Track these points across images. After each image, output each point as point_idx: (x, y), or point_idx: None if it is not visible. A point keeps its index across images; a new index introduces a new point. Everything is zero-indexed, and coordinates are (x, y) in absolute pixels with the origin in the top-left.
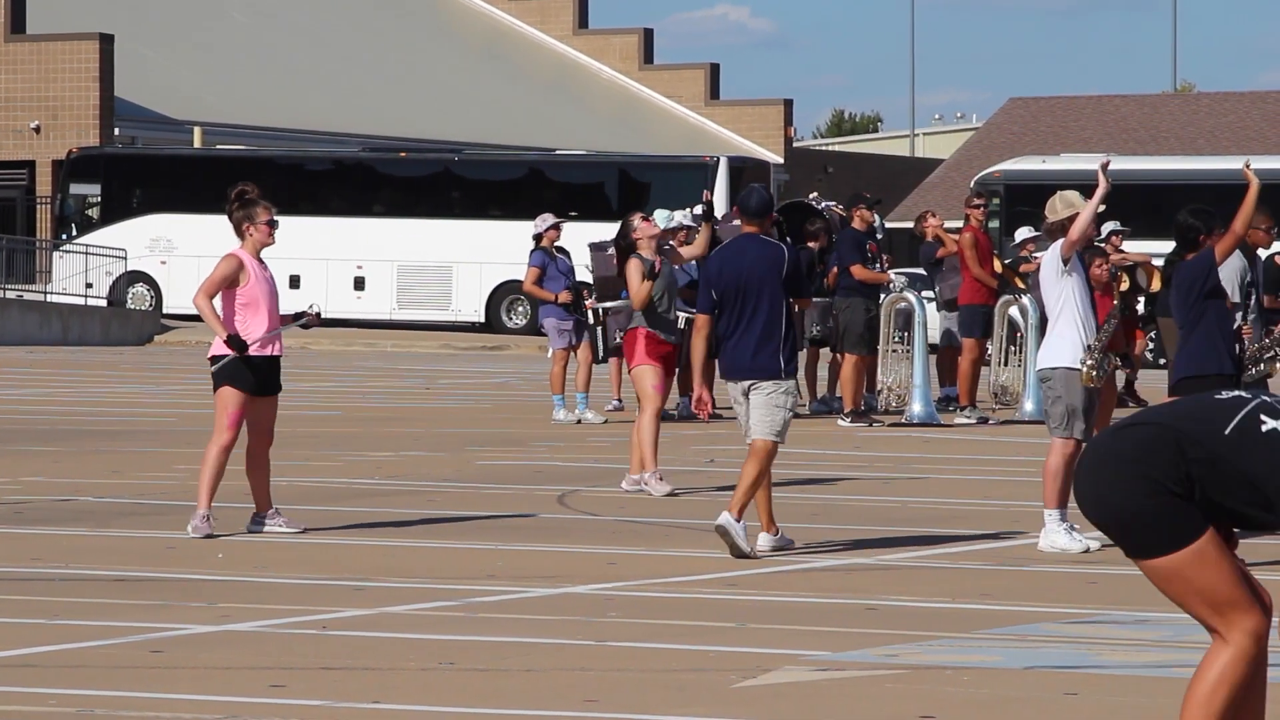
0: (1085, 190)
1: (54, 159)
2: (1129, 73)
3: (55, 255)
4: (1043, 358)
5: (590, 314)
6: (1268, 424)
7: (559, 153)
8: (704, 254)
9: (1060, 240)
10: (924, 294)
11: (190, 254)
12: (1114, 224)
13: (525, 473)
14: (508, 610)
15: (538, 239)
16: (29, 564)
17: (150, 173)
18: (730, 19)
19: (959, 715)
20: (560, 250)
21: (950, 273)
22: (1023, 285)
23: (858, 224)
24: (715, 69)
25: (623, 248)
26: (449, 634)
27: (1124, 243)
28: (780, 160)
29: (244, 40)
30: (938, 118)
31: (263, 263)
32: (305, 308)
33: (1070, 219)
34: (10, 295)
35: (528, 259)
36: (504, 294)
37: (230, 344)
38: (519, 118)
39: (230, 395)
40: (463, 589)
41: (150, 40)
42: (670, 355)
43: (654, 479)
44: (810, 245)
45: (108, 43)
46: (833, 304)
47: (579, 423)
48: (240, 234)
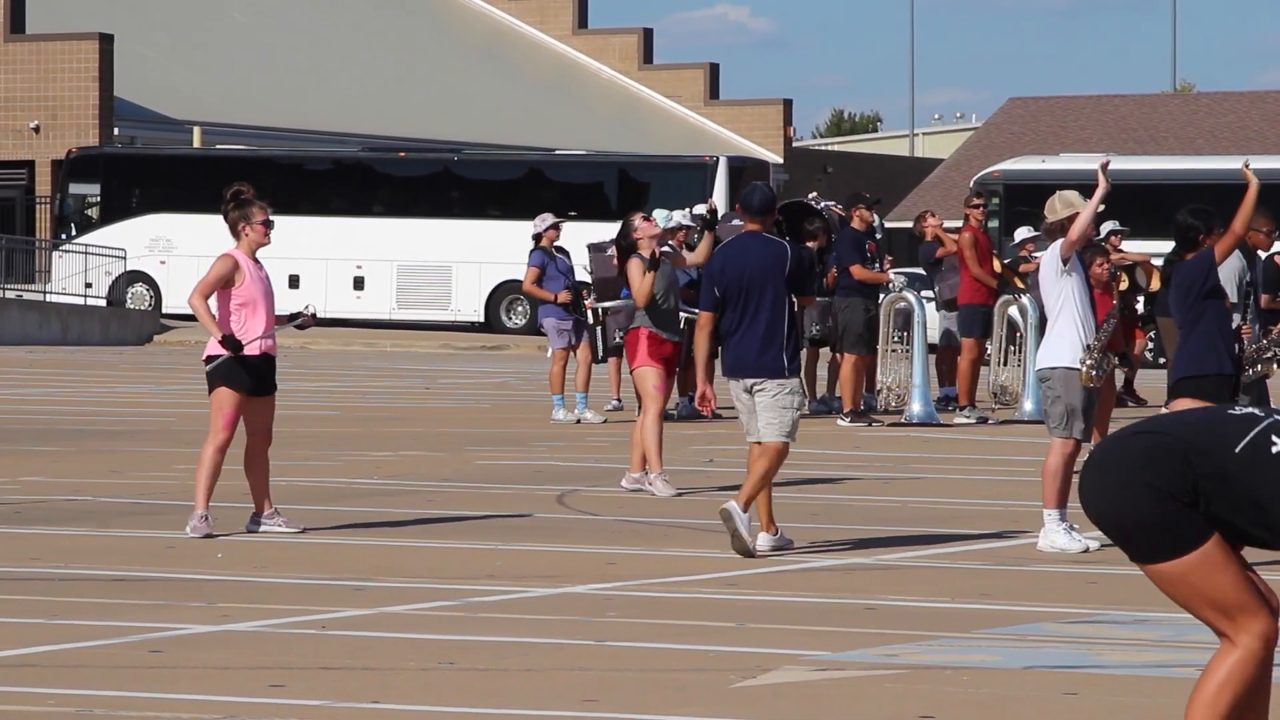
0: (1085, 190)
1: (54, 159)
2: (1128, 73)
3: (55, 255)
4: (1042, 357)
5: (590, 314)
6: (1278, 445)
7: (558, 153)
8: (706, 261)
9: (1060, 240)
10: (923, 294)
11: (190, 254)
12: (1113, 224)
13: (525, 472)
14: (507, 610)
15: (537, 239)
16: (28, 564)
17: (150, 172)
18: (730, 19)
19: (958, 715)
20: (560, 250)
21: (949, 272)
22: (1022, 285)
23: (857, 224)
24: (715, 69)
25: (623, 247)
26: (448, 634)
27: (1123, 242)
28: (780, 160)
29: (243, 40)
30: (937, 117)
31: (258, 263)
32: (301, 308)
33: (1069, 219)
34: (10, 295)
35: (527, 259)
36: (503, 294)
37: (225, 344)
38: (518, 118)
39: (226, 396)
40: (462, 589)
41: (150, 40)
42: (672, 356)
43: (660, 480)
44: (809, 245)
45: (107, 42)
46: (832, 304)
47: (578, 422)
48: (236, 234)
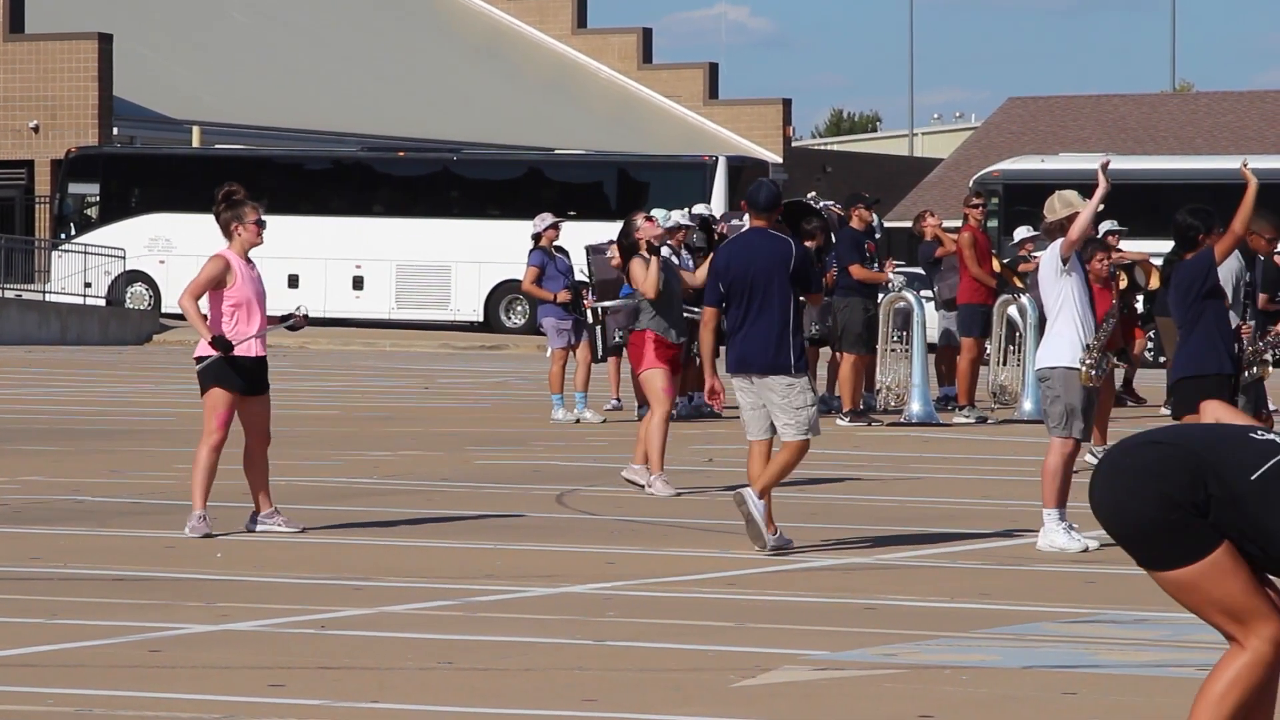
0: (1084, 190)
1: (53, 158)
2: (1127, 72)
3: (54, 255)
4: (1041, 357)
5: (589, 313)
6: None
7: (558, 152)
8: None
9: (1059, 240)
10: (923, 293)
11: (189, 253)
12: (1111, 223)
13: (524, 472)
14: (506, 610)
15: (536, 238)
16: (28, 563)
17: (149, 172)
18: (729, 18)
19: (957, 715)
20: (559, 250)
21: (949, 272)
22: (1021, 285)
23: (856, 224)
24: (714, 68)
25: (625, 247)
26: (448, 633)
27: (1121, 242)
28: (779, 160)
29: (243, 40)
30: (936, 117)
31: (251, 263)
32: (294, 309)
33: (1069, 219)
34: (9, 295)
35: (526, 258)
36: (503, 293)
37: (215, 345)
38: (518, 117)
39: (219, 396)
40: (461, 588)
41: (149, 40)
42: (675, 357)
43: (659, 481)
44: (807, 245)
45: (106, 42)
46: (831, 303)
47: (578, 422)
48: (228, 234)
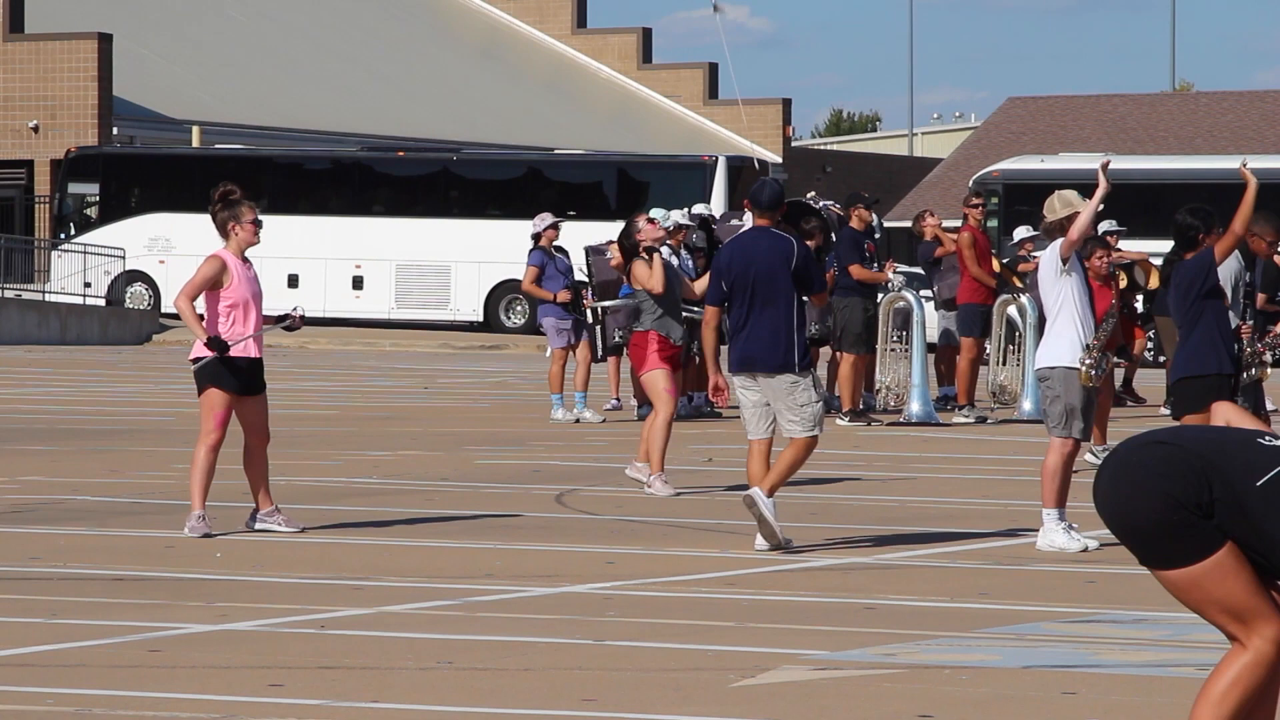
0: (1084, 190)
1: (53, 158)
2: (1127, 72)
3: (54, 254)
4: (1041, 357)
5: (589, 313)
6: None
7: (557, 152)
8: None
9: (1059, 240)
10: (922, 293)
11: (189, 253)
12: (1110, 223)
13: (523, 472)
14: (506, 609)
15: (536, 238)
16: (28, 563)
17: (149, 172)
18: (729, 18)
19: (957, 714)
20: (559, 249)
21: (948, 272)
22: (1020, 284)
23: (856, 223)
24: (714, 68)
25: (626, 248)
26: (447, 633)
27: (1120, 242)
28: (779, 159)
29: (242, 40)
30: (936, 117)
31: (248, 262)
32: (290, 309)
33: (1068, 218)
34: (9, 294)
35: (526, 258)
36: (502, 293)
37: (211, 346)
38: (517, 117)
39: (216, 397)
40: (461, 588)
41: (149, 40)
42: (675, 357)
43: (659, 480)
44: (805, 244)
45: (106, 42)
46: (831, 303)
47: (577, 422)
48: (224, 234)
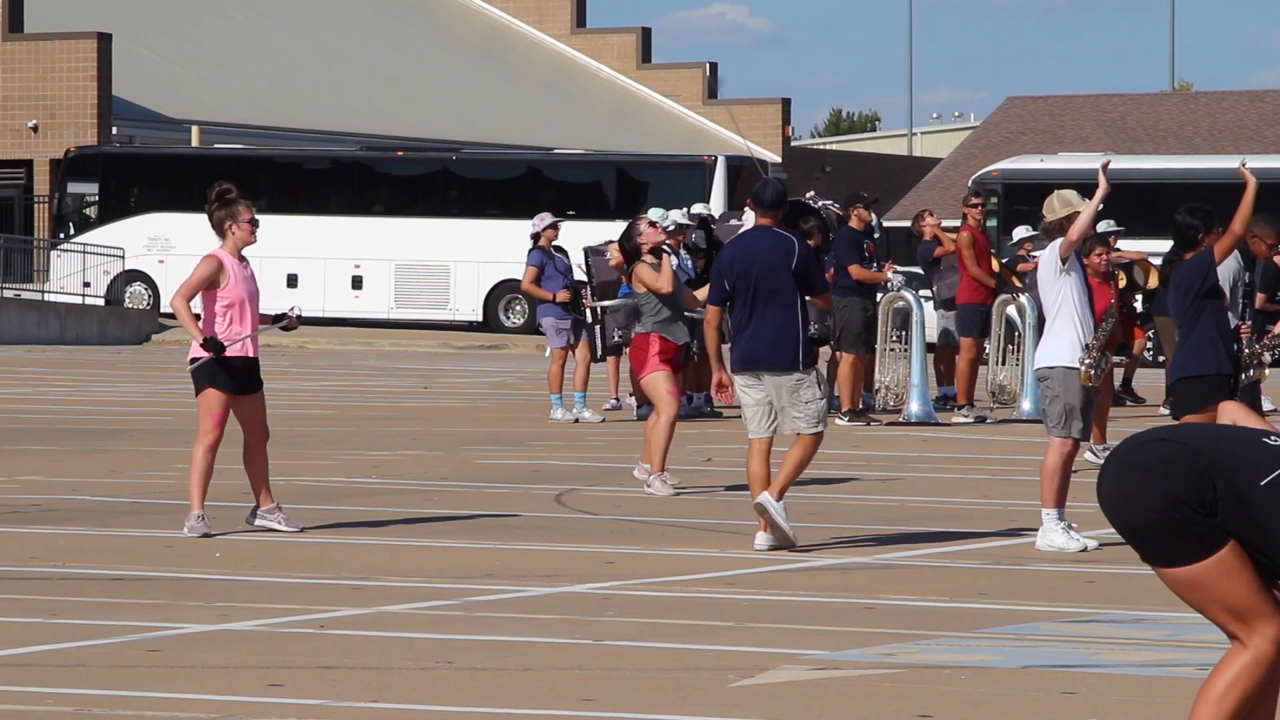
0: (1083, 189)
1: (52, 158)
2: (1127, 72)
3: (53, 254)
4: (1041, 357)
5: (588, 313)
6: None
7: (557, 152)
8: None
9: (1059, 239)
10: (921, 293)
11: (188, 253)
12: (1108, 223)
13: (523, 472)
14: (505, 609)
15: (535, 238)
16: (27, 563)
17: (148, 172)
18: (728, 18)
19: (956, 714)
20: (558, 249)
21: (948, 272)
22: (1020, 284)
23: (855, 223)
24: (713, 68)
25: (627, 250)
26: (446, 633)
27: (1119, 242)
28: (778, 159)
29: (242, 39)
30: (936, 116)
31: (244, 261)
32: (287, 309)
33: (1068, 218)
34: (8, 294)
35: (526, 258)
36: (502, 293)
37: (207, 346)
38: (517, 117)
39: (213, 397)
40: (460, 588)
41: (148, 39)
42: (675, 358)
43: (658, 480)
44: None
45: (106, 42)
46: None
47: (577, 422)
48: (221, 233)
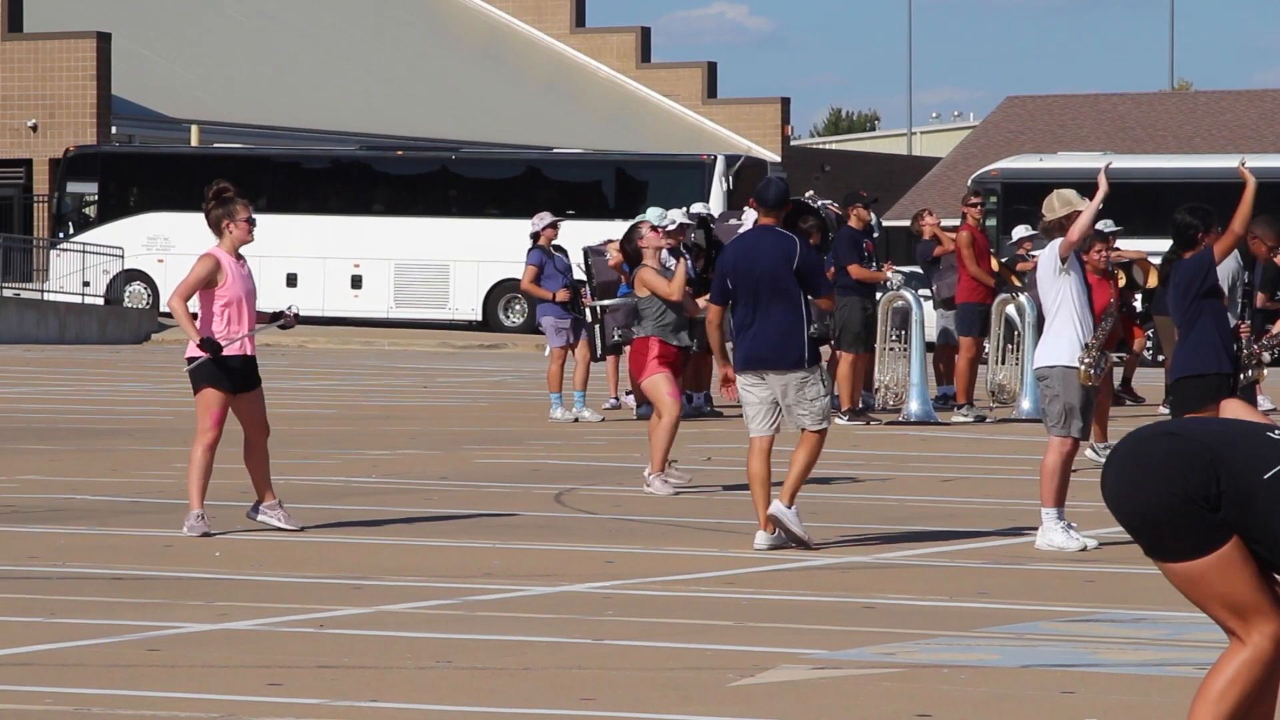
0: (1082, 189)
1: (51, 157)
2: (1126, 71)
3: (52, 254)
4: (1040, 356)
5: (588, 312)
6: None
7: (556, 151)
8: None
9: (1058, 239)
10: (921, 292)
11: (187, 252)
12: (1107, 223)
13: (522, 471)
14: (505, 609)
15: (535, 237)
16: (26, 562)
17: (147, 171)
18: (727, 18)
19: (956, 714)
20: (558, 249)
21: (947, 271)
22: (1019, 283)
23: (854, 223)
24: (712, 67)
25: (629, 253)
26: (446, 632)
27: (1118, 241)
28: (778, 159)
29: (241, 39)
30: (935, 116)
31: (241, 260)
32: (284, 308)
33: (1067, 217)
34: (8, 294)
35: (525, 257)
36: (501, 292)
37: (204, 347)
38: (516, 116)
39: (211, 396)
40: (460, 587)
41: (148, 39)
42: (676, 361)
43: (658, 480)
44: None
45: (105, 41)
46: None
47: (576, 421)
48: (219, 232)
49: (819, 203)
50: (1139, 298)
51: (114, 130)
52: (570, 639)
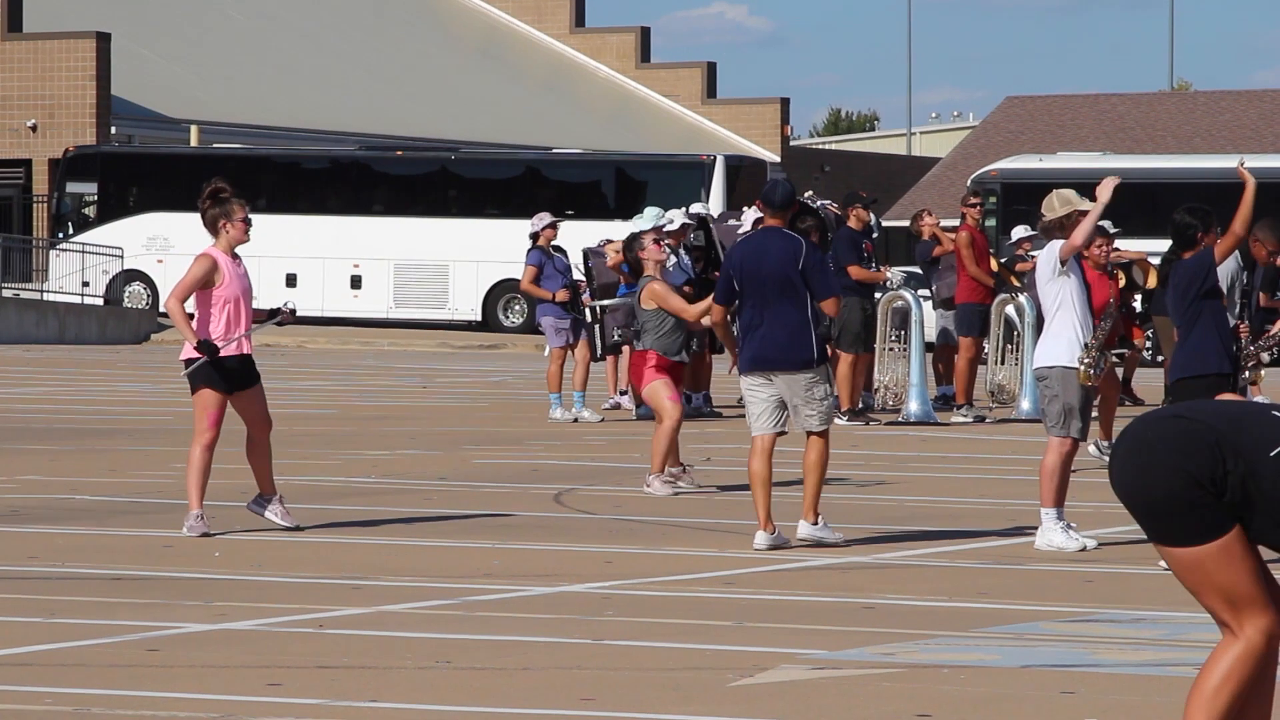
0: (1081, 189)
1: (51, 157)
2: (1125, 71)
3: (52, 254)
4: (1039, 356)
5: (588, 312)
6: None
7: (556, 151)
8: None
9: (1058, 240)
10: (920, 292)
11: (187, 253)
12: (1106, 224)
13: (522, 471)
14: (504, 609)
15: (534, 238)
16: (26, 562)
17: (147, 171)
18: (727, 17)
19: (955, 714)
20: (557, 249)
21: (947, 271)
22: (1018, 284)
23: (854, 223)
24: (712, 67)
25: (631, 261)
26: (446, 632)
27: (1117, 242)
28: (777, 159)
29: (240, 39)
30: (934, 116)
31: (237, 259)
32: (280, 304)
33: (1067, 216)
34: (7, 294)
35: (525, 258)
36: (501, 292)
37: (201, 349)
38: (515, 116)
39: (209, 396)
40: (459, 588)
41: (147, 39)
42: (677, 368)
43: (657, 480)
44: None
45: (105, 41)
46: None
47: (576, 421)
48: (214, 231)
49: (818, 203)
50: (1139, 298)
51: (113, 130)
52: (569, 639)
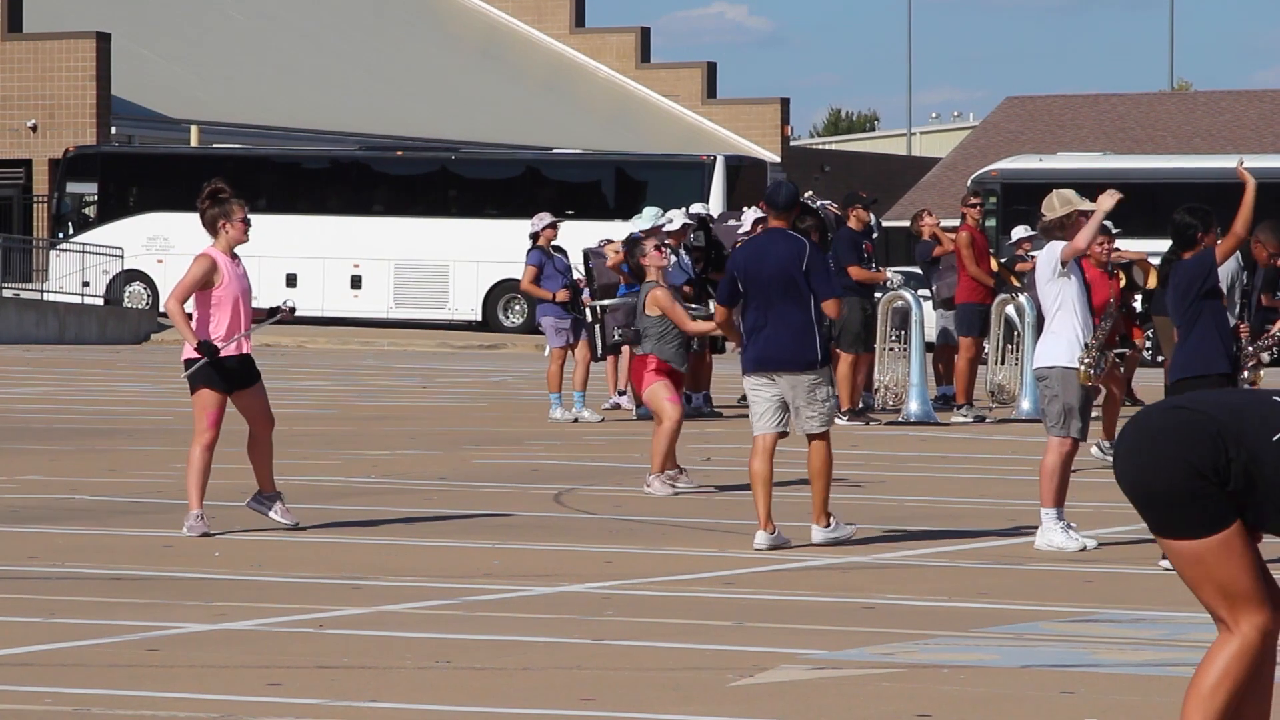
0: (1081, 189)
1: (51, 157)
2: (1126, 71)
3: (52, 254)
4: (1039, 356)
5: (588, 312)
6: None
7: (556, 151)
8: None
9: (1058, 241)
10: (920, 292)
11: (187, 252)
12: (1107, 223)
13: (522, 471)
14: (504, 609)
15: (535, 238)
16: (26, 562)
17: (147, 171)
18: (727, 18)
19: (955, 714)
20: (557, 249)
21: (947, 271)
22: (1018, 284)
23: (854, 224)
24: (712, 68)
25: (633, 267)
26: (446, 632)
27: (1117, 242)
28: (777, 159)
29: (240, 39)
30: (934, 116)
31: (236, 259)
32: (279, 303)
33: (1067, 216)
34: (7, 294)
35: (525, 258)
36: (501, 293)
37: (201, 350)
38: (515, 116)
39: (208, 397)
40: (459, 587)
41: (147, 39)
42: (677, 372)
43: (657, 480)
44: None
45: (105, 41)
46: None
47: (576, 421)
48: (214, 232)
49: (818, 203)
50: (1139, 299)
51: (113, 130)
52: (569, 639)
